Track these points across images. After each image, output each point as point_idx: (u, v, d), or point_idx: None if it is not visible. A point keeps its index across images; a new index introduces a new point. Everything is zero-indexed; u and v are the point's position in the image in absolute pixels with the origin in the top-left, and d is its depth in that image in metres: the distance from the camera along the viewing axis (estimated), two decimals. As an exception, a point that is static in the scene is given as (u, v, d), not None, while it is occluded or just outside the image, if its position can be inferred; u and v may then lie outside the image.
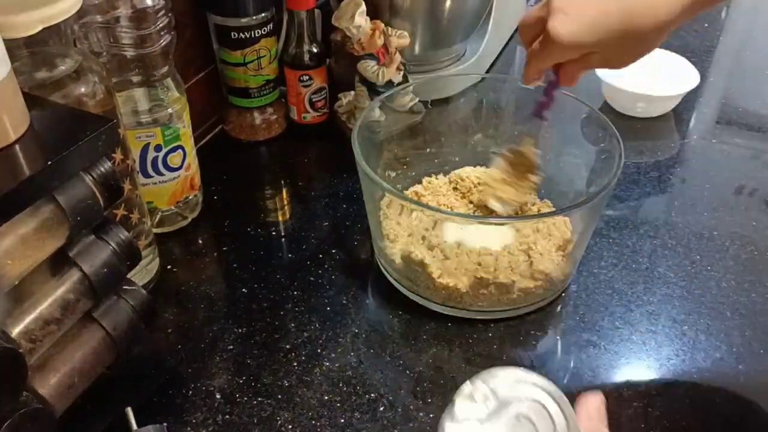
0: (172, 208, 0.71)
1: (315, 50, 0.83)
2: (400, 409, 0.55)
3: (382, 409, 0.55)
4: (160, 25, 0.61)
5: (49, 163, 0.40)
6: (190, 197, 0.72)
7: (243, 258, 0.70)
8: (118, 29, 0.58)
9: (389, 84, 0.79)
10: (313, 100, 0.86)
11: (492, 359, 0.59)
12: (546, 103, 0.62)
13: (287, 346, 0.60)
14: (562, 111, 0.67)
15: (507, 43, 1.10)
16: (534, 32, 0.56)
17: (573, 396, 0.56)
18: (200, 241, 0.73)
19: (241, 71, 0.82)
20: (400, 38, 0.80)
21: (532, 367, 0.58)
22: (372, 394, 0.56)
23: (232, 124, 0.87)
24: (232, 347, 0.60)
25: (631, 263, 0.69)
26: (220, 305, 0.65)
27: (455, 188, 0.74)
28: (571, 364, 0.59)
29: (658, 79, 0.90)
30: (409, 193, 0.74)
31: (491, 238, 0.63)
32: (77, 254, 0.46)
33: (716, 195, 0.78)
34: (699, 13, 0.52)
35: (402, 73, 0.81)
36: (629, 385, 0.57)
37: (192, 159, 0.71)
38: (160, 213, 0.71)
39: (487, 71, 1.02)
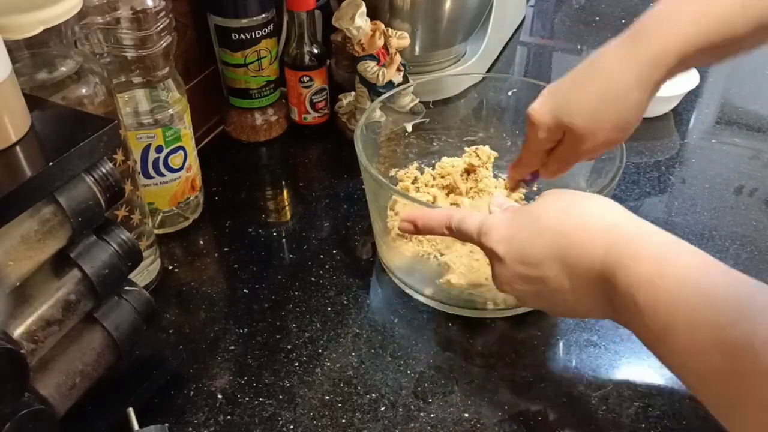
0: (173, 209, 0.72)
1: (315, 51, 0.83)
2: (401, 409, 0.55)
3: (383, 409, 0.55)
4: (161, 26, 0.61)
5: (51, 164, 0.40)
6: (191, 198, 0.73)
7: (244, 259, 0.70)
8: (118, 30, 0.58)
9: (390, 85, 0.79)
10: (314, 100, 0.86)
11: (493, 359, 0.59)
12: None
13: (288, 347, 0.60)
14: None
15: (507, 43, 1.10)
16: None
17: (575, 396, 0.56)
18: (201, 242, 0.73)
19: (241, 72, 0.82)
20: (400, 39, 0.80)
21: (533, 367, 0.58)
22: (373, 394, 0.56)
23: (232, 125, 0.87)
24: (233, 348, 0.60)
25: (631, 263, 0.69)
26: (222, 306, 0.65)
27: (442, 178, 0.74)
28: (572, 364, 0.59)
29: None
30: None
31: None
32: (78, 255, 0.46)
33: (716, 195, 0.78)
34: None
35: (402, 73, 0.81)
36: (629, 385, 0.57)
37: (193, 160, 0.71)
38: (161, 214, 0.71)
39: (487, 71, 1.02)
